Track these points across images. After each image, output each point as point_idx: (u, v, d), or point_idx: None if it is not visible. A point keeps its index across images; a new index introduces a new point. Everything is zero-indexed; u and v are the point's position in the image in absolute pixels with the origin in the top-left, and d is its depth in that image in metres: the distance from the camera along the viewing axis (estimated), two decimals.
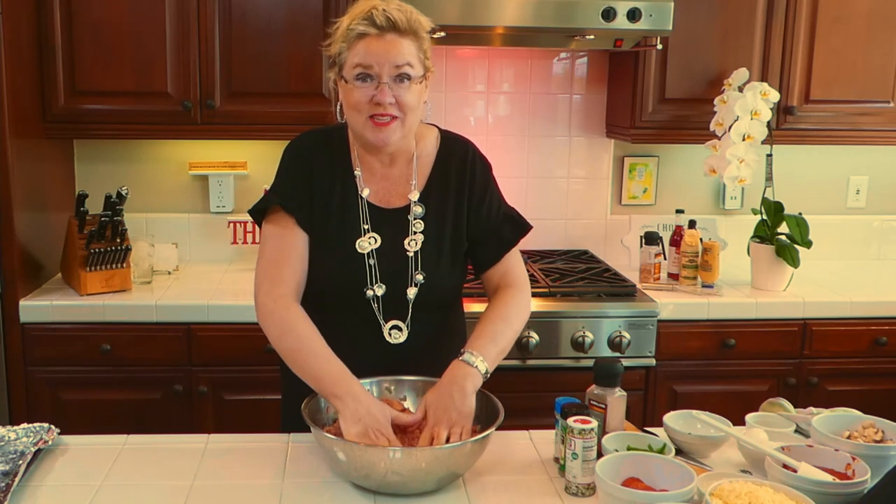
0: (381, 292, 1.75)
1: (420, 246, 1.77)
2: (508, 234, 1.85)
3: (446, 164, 1.82)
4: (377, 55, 1.65)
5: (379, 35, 1.65)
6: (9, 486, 1.48)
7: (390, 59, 1.65)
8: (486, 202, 1.83)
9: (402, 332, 1.77)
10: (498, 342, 1.71)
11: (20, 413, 2.66)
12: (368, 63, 1.66)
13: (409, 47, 1.67)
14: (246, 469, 1.62)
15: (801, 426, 1.74)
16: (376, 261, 1.75)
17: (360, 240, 1.76)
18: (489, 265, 1.84)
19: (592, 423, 1.51)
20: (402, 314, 1.77)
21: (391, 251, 1.76)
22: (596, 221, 3.40)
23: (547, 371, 2.75)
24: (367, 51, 1.65)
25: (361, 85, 1.67)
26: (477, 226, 1.82)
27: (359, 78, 1.67)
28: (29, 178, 2.74)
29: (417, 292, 1.76)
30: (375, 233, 1.76)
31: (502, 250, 1.84)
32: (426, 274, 1.76)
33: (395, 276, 1.76)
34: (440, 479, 1.52)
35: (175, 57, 2.81)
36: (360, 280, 1.75)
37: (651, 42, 2.87)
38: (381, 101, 1.66)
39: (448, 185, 1.81)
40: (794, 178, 3.38)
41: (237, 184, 3.22)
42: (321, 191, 1.78)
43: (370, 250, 1.75)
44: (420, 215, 1.78)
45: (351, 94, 1.69)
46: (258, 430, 1.83)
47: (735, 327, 2.83)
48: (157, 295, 2.77)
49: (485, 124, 3.30)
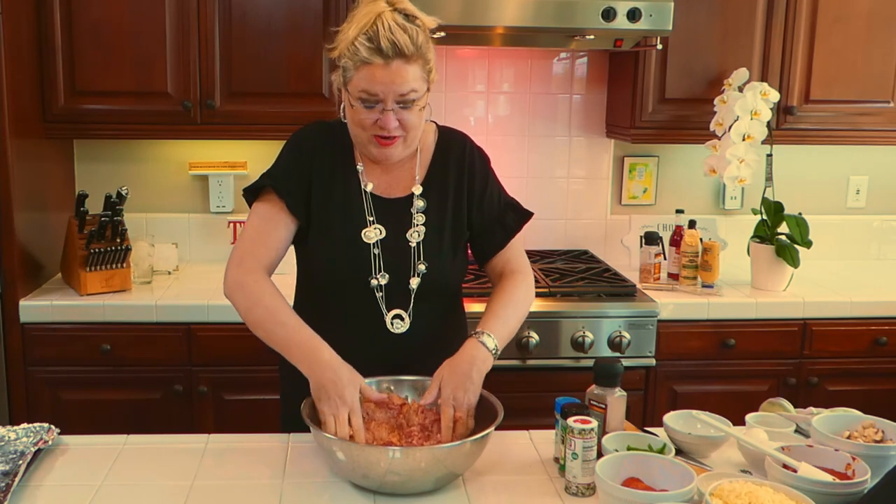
0: (385, 282, 1.77)
1: (422, 237, 1.79)
2: (511, 221, 1.88)
3: (445, 156, 1.85)
4: (383, 84, 1.65)
5: (384, 65, 1.64)
6: (9, 486, 1.48)
7: (395, 87, 1.65)
8: (487, 192, 1.87)
9: (404, 321, 1.78)
10: (507, 324, 1.76)
11: (20, 413, 2.66)
12: (374, 92, 1.66)
13: (414, 72, 1.66)
14: (246, 469, 1.62)
15: (801, 426, 1.74)
16: (380, 251, 1.77)
17: (367, 230, 1.78)
18: (493, 253, 1.88)
19: (592, 423, 1.51)
20: (404, 304, 1.78)
21: (394, 242, 1.79)
22: (596, 221, 3.40)
23: (547, 371, 2.75)
24: (373, 79, 1.65)
25: (366, 108, 1.68)
26: (480, 216, 1.86)
27: (363, 101, 1.68)
28: (29, 178, 2.74)
29: (420, 282, 1.78)
30: (380, 224, 1.78)
31: (506, 238, 1.88)
32: (428, 264, 1.78)
33: (398, 266, 1.78)
34: (439, 479, 1.52)
35: (175, 57, 2.81)
36: (365, 269, 1.77)
37: (651, 42, 2.87)
38: (385, 126, 1.69)
39: (447, 176, 1.84)
40: (794, 178, 3.38)
41: (237, 184, 3.22)
42: (322, 181, 1.80)
43: (375, 241, 1.77)
44: (422, 208, 1.81)
45: (355, 114, 1.71)
46: (258, 430, 1.83)
47: (735, 327, 2.83)
48: (157, 295, 2.77)
49: (485, 124, 3.30)
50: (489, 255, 1.89)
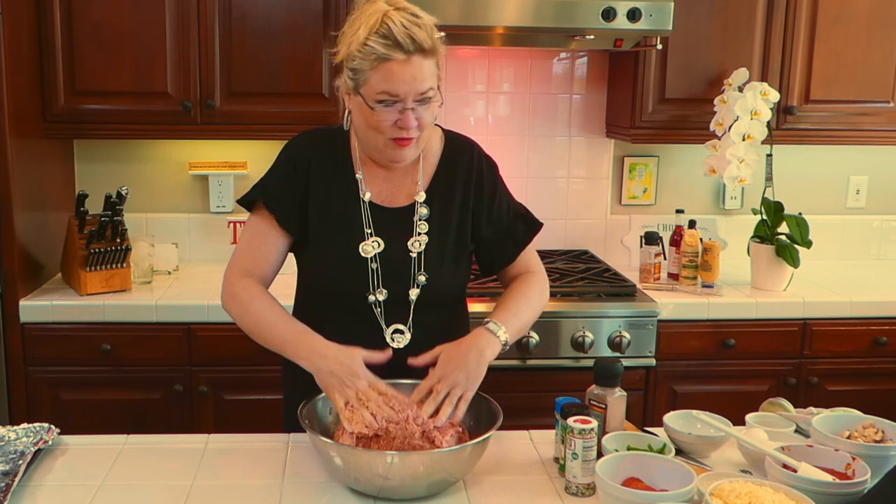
0: (384, 297, 1.74)
1: (424, 247, 1.76)
2: (521, 234, 1.85)
3: (452, 165, 1.81)
4: (405, 83, 1.60)
5: (406, 60, 1.59)
6: (9, 486, 1.48)
7: (416, 85, 1.61)
8: (496, 203, 1.83)
9: (404, 335, 1.75)
10: (520, 317, 1.73)
11: (20, 413, 2.66)
12: (395, 92, 1.61)
13: (430, 68, 1.63)
14: (246, 469, 1.62)
15: (801, 426, 1.74)
16: (379, 264, 1.74)
17: (364, 244, 1.74)
18: (502, 266, 1.86)
19: (592, 423, 1.51)
20: (403, 317, 1.75)
21: (394, 253, 1.75)
22: (596, 221, 3.40)
23: (547, 371, 2.75)
24: (394, 78, 1.60)
25: (385, 109, 1.64)
26: (489, 227, 1.82)
27: (382, 102, 1.63)
28: (29, 178, 2.74)
29: (419, 293, 1.74)
30: (378, 236, 1.75)
31: (517, 251, 1.85)
32: (429, 275, 1.75)
33: (398, 278, 1.74)
34: (436, 484, 1.50)
35: (175, 57, 2.81)
36: (363, 284, 1.73)
37: (651, 42, 2.87)
38: (405, 126, 1.64)
39: (454, 185, 1.80)
40: (794, 178, 3.38)
41: (237, 184, 3.22)
42: (318, 193, 1.76)
43: (373, 254, 1.74)
44: (425, 217, 1.77)
45: (372, 116, 1.65)
46: (258, 430, 1.83)
47: (735, 327, 2.83)
48: (157, 295, 2.77)
49: (485, 124, 3.30)
50: (498, 267, 1.86)
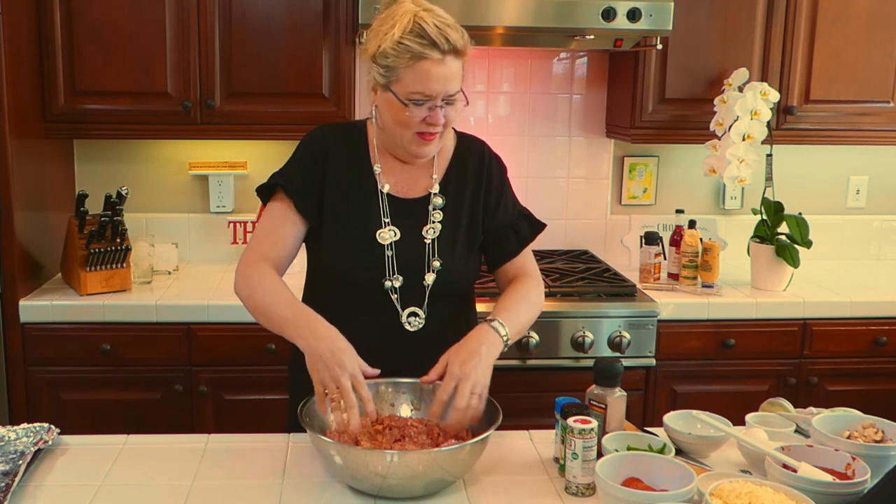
0: (399, 283, 1.78)
1: (438, 234, 1.81)
2: (525, 230, 1.91)
3: (464, 160, 1.88)
4: (439, 83, 1.65)
5: (440, 60, 1.64)
6: (9, 486, 1.48)
7: (448, 87, 1.67)
8: (502, 201, 1.89)
9: (418, 318, 1.79)
10: (520, 319, 1.76)
11: (20, 413, 2.66)
12: (429, 92, 1.66)
13: (459, 70, 1.69)
14: (246, 469, 1.62)
15: (801, 426, 1.74)
16: (394, 252, 1.78)
17: (381, 231, 1.79)
18: (506, 260, 1.89)
19: (592, 423, 1.51)
20: (419, 301, 1.80)
21: (409, 240, 1.80)
22: (596, 221, 3.40)
23: (547, 371, 2.75)
24: (429, 77, 1.65)
25: (416, 107, 1.68)
26: (494, 222, 1.87)
27: (413, 100, 1.68)
28: (29, 178, 2.74)
29: (435, 279, 1.79)
30: (395, 226, 1.80)
31: (520, 246, 1.90)
32: (443, 261, 1.80)
33: (413, 265, 1.79)
34: (435, 483, 1.50)
35: (175, 57, 2.81)
36: (379, 270, 1.78)
37: (651, 42, 2.87)
38: (434, 123, 1.70)
39: (465, 179, 1.86)
40: (794, 178, 3.38)
41: (237, 184, 3.22)
42: (337, 182, 1.81)
43: (390, 241, 1.78)
44: (440, 206, 1.83)
45: (401, 113, 1.70)
46: (258, 430, 1.83)
47: (735, 327, 2.83)
48: (157, 295, 2.77)
49: (485, 124, 3.30)
50: (501, 261, 1.90)
